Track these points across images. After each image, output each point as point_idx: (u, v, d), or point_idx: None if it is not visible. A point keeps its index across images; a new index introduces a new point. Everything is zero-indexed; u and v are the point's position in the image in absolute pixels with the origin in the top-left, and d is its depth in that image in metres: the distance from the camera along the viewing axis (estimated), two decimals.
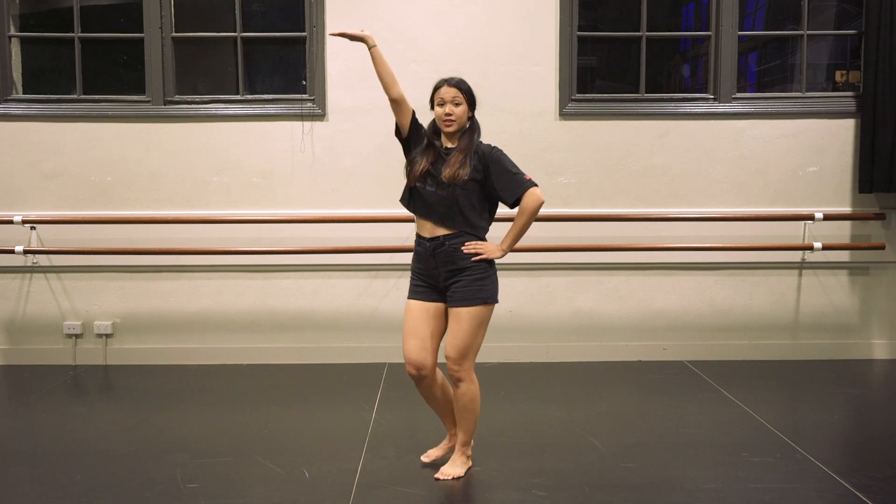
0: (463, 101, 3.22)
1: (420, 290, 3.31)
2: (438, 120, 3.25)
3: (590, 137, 5.11)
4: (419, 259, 3.31)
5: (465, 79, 3.27)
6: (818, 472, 3.35)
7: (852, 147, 5.13)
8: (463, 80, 3.26)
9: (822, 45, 5.75)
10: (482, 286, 3.21)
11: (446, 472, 3.31)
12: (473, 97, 3.28)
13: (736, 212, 5.12)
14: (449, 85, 3.23)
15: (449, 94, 3.21)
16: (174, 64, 5.12)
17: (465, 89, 3.23)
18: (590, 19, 5.59)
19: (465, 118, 3.24)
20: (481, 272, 3.21)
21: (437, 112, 3.25)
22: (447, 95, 3.21)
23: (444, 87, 3.23)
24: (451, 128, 3.22)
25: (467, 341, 3.20)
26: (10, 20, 5.12)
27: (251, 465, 3.45)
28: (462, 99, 3.22)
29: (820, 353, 5.22)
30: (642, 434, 3.84)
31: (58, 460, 3.54)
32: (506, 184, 3.20)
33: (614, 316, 5.21)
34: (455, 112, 3.20)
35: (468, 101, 3.24)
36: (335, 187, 5.11)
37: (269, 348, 5.18)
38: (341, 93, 5.07)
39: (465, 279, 3.20)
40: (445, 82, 3.24)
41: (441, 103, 3.22)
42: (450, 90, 3.22)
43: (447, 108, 3.20)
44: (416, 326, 3.29)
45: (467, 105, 3.24)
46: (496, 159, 3.22)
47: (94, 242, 5.07)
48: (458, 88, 3.22)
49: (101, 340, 5.18)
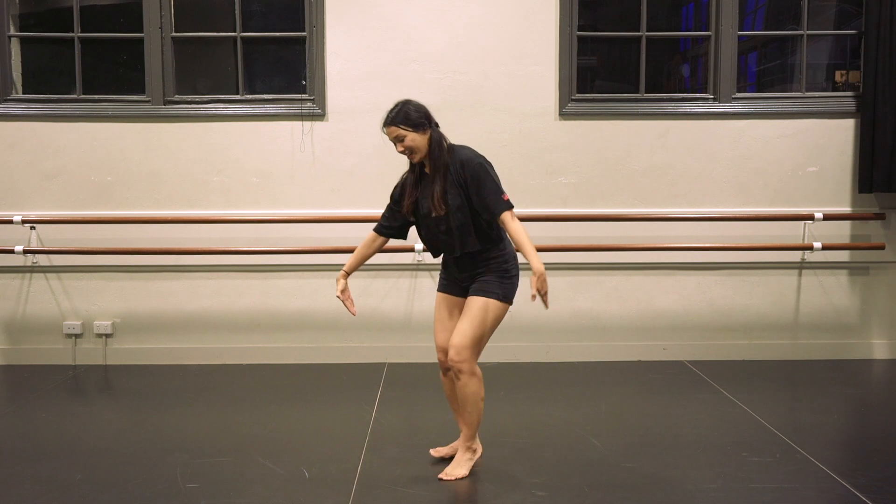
0: (407, 132, 3.12)
1: (447, 283, 3.38)
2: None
3: (590, 137, 5.12)
4: (444, 264, 3.38)
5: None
6: (818, 471, 3.35)
7: (852, 147, 5.13)
8: (398, 112, 3.14)
9: (821, 45, 5.75)
10: (501, 283, 3.22)
11: (450, 472, 3.31)
12: (420, 119, 3.14)
13: (736, 212, 5.12)
14: (386, 126, 3.16)
15: (391, 134, 3.16)
16: (174, 64, 5.12)
17: (401, 121, 3.12)
18: (590, 19, 5.59)
19: (421, 143, 3.15)
20: (503, 273, 3.23)
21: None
22: (390, 136, 3.17)
23: (384, 129, 3.18)
24: (415, 159, 3.20)
25: (473, 330, 3.16)
26: (9, 20, 5.12)
27: (251, 464, 3.45)
28: (404, 131, 3.12)
29: (820, 353, 5.22)
30: (642, 434, 3.84)
31: (58, 460, 3.54)
32: (483, 201, 3.12)
33: (614, 316, 5.21)
34: (406, 146, 3.15)
35: (414, 128, 3.12)
36: (335, 187, 5.11)
37: (269, 348, 5.18)
38: (341, 93, 5.07)
39: (485, 276, 3.22)
40: (384, 123, 3.17)
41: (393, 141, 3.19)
42: (389, 130, 3.15)
43: (397, 147, 3.17)
44: (444, 317, 3.35)
45: (414, 132, 3.13)
46: (476, 176, 3.12)
47: (93, 242, 5.07)
48: (394, 125, 3.13)
49: (101, 340, 5.18)
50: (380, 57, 5.05)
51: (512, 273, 3.26)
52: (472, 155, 3.18)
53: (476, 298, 3.19)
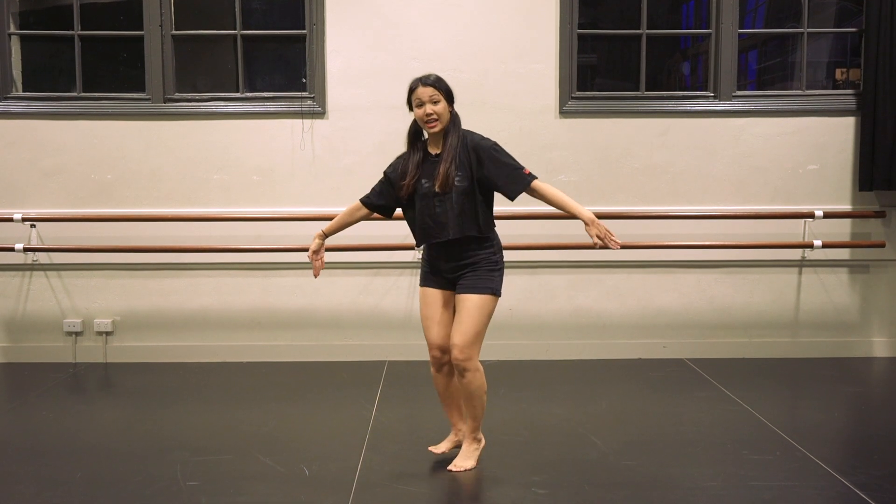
0: (441, 99, 3.17)
1: (431, 277, 3.34)
2: (420, 121, 3.21)
3: (590, 135, 5.11)
4: (430, 251, 3.32)
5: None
6: (818, 469, 3.35)
7: (852, 145, 5.13)
8: (439, 77, 3.21)
9: (822, 42, 5.75)
10: (492, 277, 3.23)
11: (459, 464, 3.34)
12: (451, 92, 3.23)
13: (736, 210, 5.12)
14: (424, 84, 3.18)
15: (426, 94, 3.16)
16: (174, 62, 5.11)
17: (442, 87, 3.18)
18: (590, 17, 5.59)
19: (446, 115, 3.20)
20: (492, 265, 3.24)
21: (416, 113, 3.21)
22: (424, 95, 3.16)
23: (419, 88, 3.18)
24: (434, 128, 3.19)
25: (475, 328, 3.19)
26: (10, 18, 5.12)
27: (251, 462, 3.45)
28: (440, 96, 3.17)
29: (820, 350, 5.22)
30: (642, 432, 3.84)
31: (58, 458, 3.54)
32: (506, 178, 3.18)
33: (614, 314, 5.21)
34: (435, 110, 3.16)
35: (446, 98, 3.20)
36: (335, 185, 5.11)
37: (270, 346, 5.18)
38: (341, 90, 5.06)
39: (475, 270, 3.22)
40: (420, 82, 3.20)
41: (419, 104, 3.18)
42: (426, 90, 3.17)
43: (427, 108, 3.16)
44: (435, 313, 3.32)
45: (446, 101, 3.19)
46: (493, 154, 3.18)
47: (94, 240, 5.06)
48: (435, 87, 3.17)
49: (102, 338, 5.18)
50: (380, 55, 5.04)
51: (500, 265, 3.28)
52: (483, 138, 3.25)
53: (470, 296, 3.20)
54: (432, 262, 3.33)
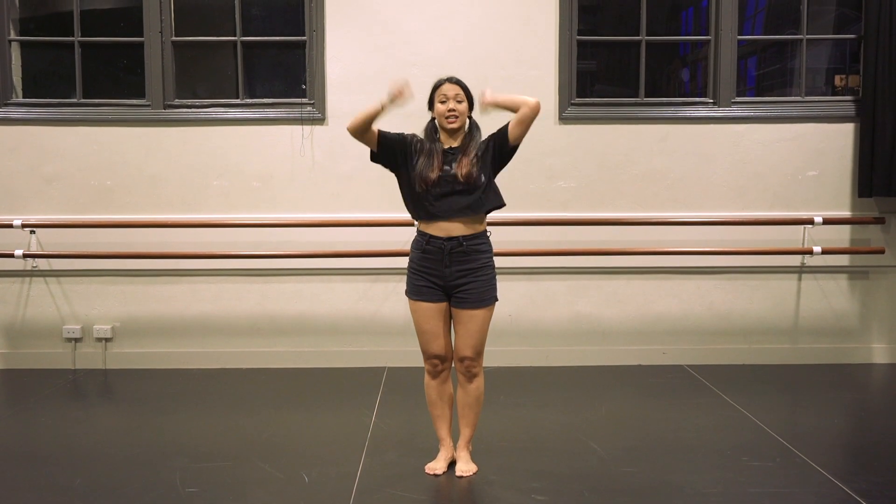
0: (465, 99, 3.27)
1: (426, 290, 3.31)
2: (440, 117, 3.26)
3: (589, 142, 5.12)
4: (427, 259, 3.28)
5: (466, 81, 3.33)
6: (818, 476, 3.35)
7: (852, 151, 5.13)
8: (461, 80, 3.30)
9: (821, 49, 5.76)
10: (493, 286, 3.30)
11: (464, 469, 3.37)
12: (473, 100, 3.33)
13: (735, 216, 5.12)
14: (451, 82, 3.27)
15: (452, 91, 3.25)
16: (174, 68, 5.12)
17: (467, 91, 3.29)
18: (589, 23, 5.60)
19: (464, 118, 3.29)
20: (489, 272, 3.28)
21: (438, 109, 3.26)
22: (450, 92, 3.24)
23: (445, 84, 3.27)
24: (454, 124, 3.25)
25: (483, 338, 3.31)
26: (10, 24, 5.13)
27: (251, 468, 3.45)
28: (464, 96, 3.27)
29: (819, 357, 5.22)
30: (642, 438, 3.84)
31: (57, 464, 3.53)
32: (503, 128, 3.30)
33: (614, 320, 5.21)
34: (458, 108, 3.24)
35: (469, 98, 3.30)
36: (335, 191, 5.11)
37: (269, 352, 5.17)
38: (341, 97, 5.07)
39: (477, 280, 3.24)
40: (447, 79, 3.29)
41: (443, 100, 3.25)
42: (452, 87, 3.25)
43: (450, 105, 3.23)
44: (434, 327, 3.32)
45: (468, 101, 3.29)
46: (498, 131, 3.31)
47: (93, 246, 5.06)
48: (460, 86, 3.27)
49: (101, 344, 5.18)
50: (380, 61, 5.05)
51: (494, 269, 3.34)
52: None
53: (477, 312, 3.26)
54: (426, 270, 3.29)
